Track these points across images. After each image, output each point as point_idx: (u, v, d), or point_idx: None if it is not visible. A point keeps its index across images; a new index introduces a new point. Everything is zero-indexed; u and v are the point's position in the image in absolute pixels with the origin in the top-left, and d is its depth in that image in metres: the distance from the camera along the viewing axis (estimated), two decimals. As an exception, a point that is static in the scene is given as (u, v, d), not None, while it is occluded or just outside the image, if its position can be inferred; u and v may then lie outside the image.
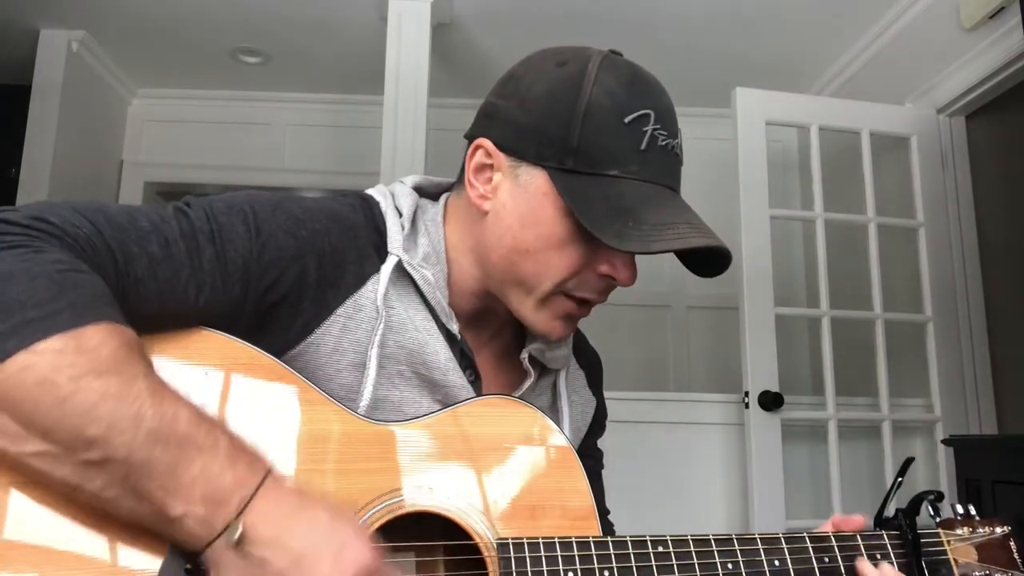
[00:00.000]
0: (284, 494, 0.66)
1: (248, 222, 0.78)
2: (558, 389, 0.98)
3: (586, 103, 0.80)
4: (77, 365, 0.60)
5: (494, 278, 0.87)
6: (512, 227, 0.84)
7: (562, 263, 0.83)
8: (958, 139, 3.03)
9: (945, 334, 2.89)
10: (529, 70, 0.86)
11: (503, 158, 0.84)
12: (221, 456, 0.64)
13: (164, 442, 0.62)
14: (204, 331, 0.75)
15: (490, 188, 0.85)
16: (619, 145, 0.80)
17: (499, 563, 0.75)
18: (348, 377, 0.82)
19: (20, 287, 0.61)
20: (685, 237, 0.78)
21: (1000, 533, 0.87)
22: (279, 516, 0.64)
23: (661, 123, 0.81)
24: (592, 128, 0.79)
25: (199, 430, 0.64)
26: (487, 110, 0.88)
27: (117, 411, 0.61)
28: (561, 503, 0.82)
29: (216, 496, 0.63)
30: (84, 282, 0.65)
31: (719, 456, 2.95)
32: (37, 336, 0.60)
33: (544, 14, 3.30)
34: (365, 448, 0.77)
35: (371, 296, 0.83)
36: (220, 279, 0.75)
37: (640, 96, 0.82)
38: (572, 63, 0.83)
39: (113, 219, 0.72)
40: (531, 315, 0.86)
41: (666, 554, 0.77)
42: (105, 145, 4.04)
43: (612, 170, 0.79)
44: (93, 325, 0.62)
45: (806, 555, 0.82)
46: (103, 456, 0.61)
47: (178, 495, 0.62)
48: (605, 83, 0.81)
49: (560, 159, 0.80)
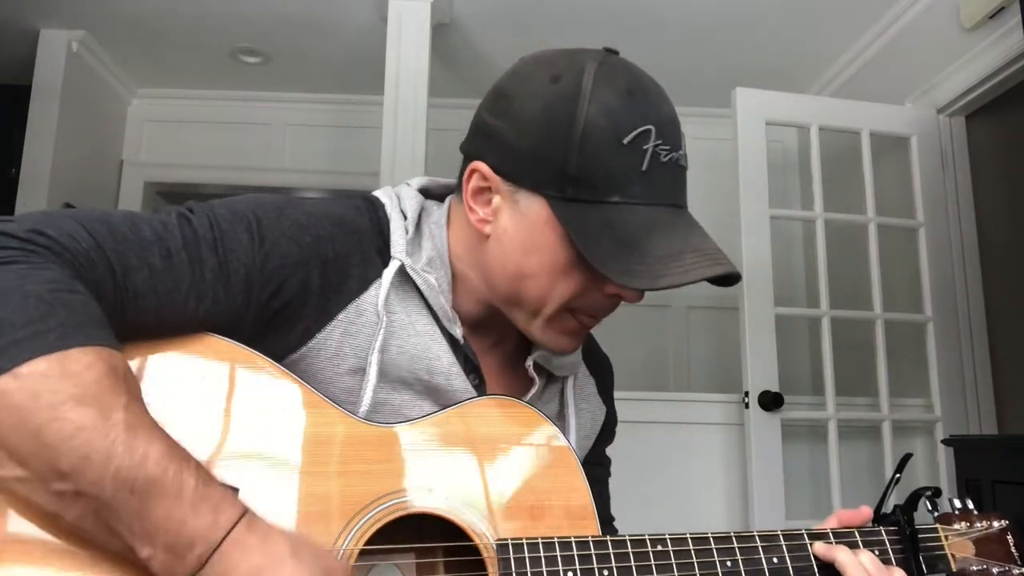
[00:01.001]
0: (249, 548, 0.64)
1: (252, 229, 0.77)
2: (565, 397, 0.97)
3: (582, 127, 0.77)
4: (58, 392, 0.60)
5: (498, 298, 0.87)
6: (514, 253, 0.82)
7: (567, 288, 0.81)
8: (958, 139, 3.03)
9: (945, 334, 2.89)
10: (521, 87, 0.82)
11: (500, 182, 0.82)
12: (185, 503, 0.62)
13: (130, 485, 0.61)
14: (203, 335, 0.76)
15: (490, 211, 0.83)
16: (619, 168, 0.77)
17: (499, 564, 0.75)
18: (348, 381, 0.82)
19: (11, 306, 0.61)
20: (691, 269, 0.76)
21: (998, 527, 0.87)
22: (243, 572, 0.63)
23: (662, 137, 0.78)
24: (590, 153, 0.77)
25: (167, 472, 0.62)
26: (481, 128, 0.85)
27: (90, 445, 0.60)
28: (560, 503, 0.82)
29: (176, 548, 0.62)
30: (76, 302, 0.64)
31: (719, 456, 2.95)
32: (23, 356, 0.60)
33: (544, 14, 3.30)
34: (364, 450, 0.78)
35: (373, 301, 0.82)
36: (222, 289, 0.75)
37: (639, 110, 0.78)
38: (566, 77, 0.79)
39: (115, 229, 0.71)
40: (538, 334, 0.86)
41: (665, 553, 0.77)
42: (105, 145, 4.04)
43: (614, 196, 0.77)
44: (80, 348, 0.62)
45: (804, 552, 0.82)
46: (75, 489, 0.61)
47: (144, 539, 0.62)
48: (602, 100, 0.78)
49: (560, 188, 0.78)
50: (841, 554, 0.81)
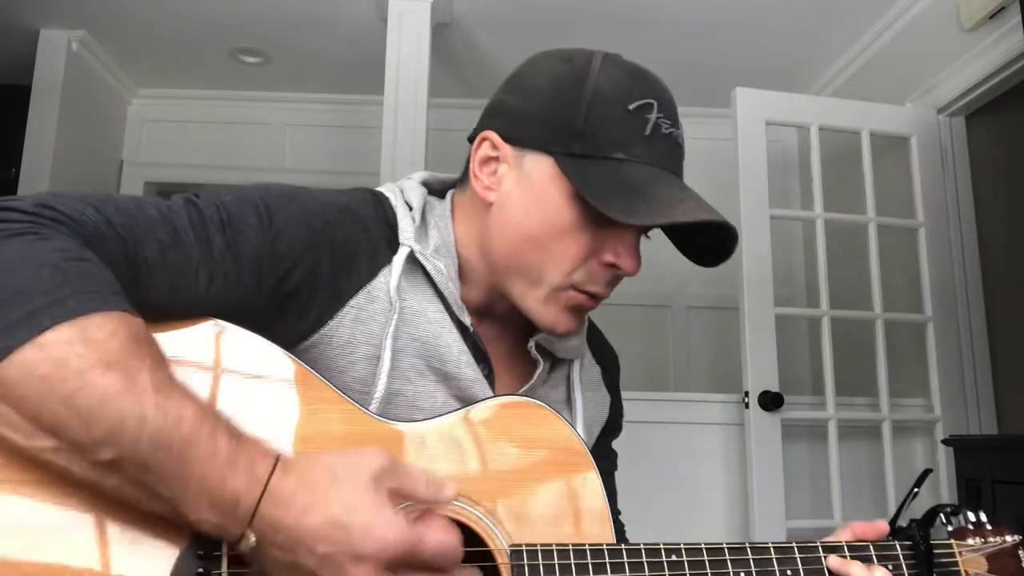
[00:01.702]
0: (292, 491, 0.64)
1: (260, 213, 0.77)
2: (572, 382, 0.97)
3: (592, 90, 0.82)
4: (84, 357, 0.59)
5: (499, 269, 0.87)
6: (517, 215, 0.84)
7: (568, 251, 0.83)
8: (958, 139, 3.03)
9: (945, 334, 2.89)
10: (534, 67, 0.88)
11: (508, 149, 0.85)
12: (220, 462, 0.62)
13: (167, 447, 0.61)
14: (214, 322, 0.74)
15: (495, 179, 0.86)
16: (624, 130, 0.81)
17: (512, 570, 0.75)
18: (362, 370, 0.81)
19: (25, 275, 0.61)
20: (692, 212, 0.78)
21: (1011, 542, 0.87)
22: (291, 520, 0.63)
23: (664, 112, 0.83)
24: (598, 113, 0.81)
25: (201, 432, 0.62)
26: (491, 108, 0.89)
27: (121, 410, 0.60)
28: (575, 508, 0.82)
29: (222, 507, 0.62)
30: (90, 270, 0.64)
31: (719, 456, 2.96)
32: (44, 325, 0.59)
33: (544, 14, 3.30)
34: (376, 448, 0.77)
35: (384, 287, 0.83)
36: (232, 269, 0.75)
37: (643, 86, 0.84)
38: (576, 59, 0.85)
39: (121, 207, 0.71)
40: (537, 307, 0.86)
41: (679, 563, 0.78)
42: (105, 145, 4.03)
43: (618, 153, 0.81)
44: (100, 314, 0.61)
45: (818, 565, 0.82)
46: (112, 457, 0.60)
47: (187, 503, 0.62)
48: (609, 73, 0.83)
49: (567, 144, 0.82)
50: (856, 570, 0.81)
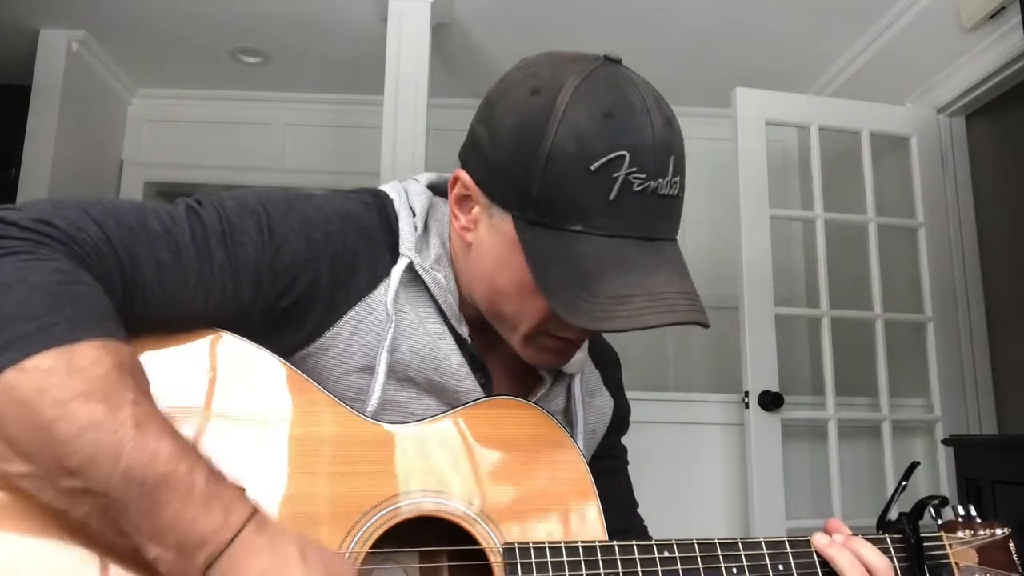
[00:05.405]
0: (259, 549, 0.63)
1: (261, 223, 0.77)
2: (572, 392, 0.96)
3: (548, 149, 0.73)
4: (65, 387, 0.59)
5: (482, 308, 0.86)
6: (488, 267, 0.82)
7: (535, 309, 0.79)
8: (958, 139, 3.03)
9: (945, 334, 2.89)
10: (503, 96, 0.80)
11: (479, 193, 0.80)
12: (195, 502, 0.62)
13: (140, 482, 0.60)
14: (211, 331, 0.75)
15: (471, 219, 0.83)
16: (583, 196, 0.73)
17: (505, 568, 0.75)
18: (357, 380, 0.81)
19: (16, 298, 0.60)
20: (636, 316, 0.71)
21: (1000, 535, 0.88)
22: (251, 573, 0.62)
23: (638, 164, 0.72)
24: (554, 178, 0.73)
25: (177, 470, 0.62)
26: (470, 134, 0.84)
27: (98, 442, 0.59)
28: (567, 506, 0.82)
29: (186, 547, 0.61)
30: (83, 294, 0.63)
31: (719, 456, 2.95)
32: (30, 350, 0.59)
33: (544, 14, 3.30)
34: (371, 451, 0.77)
35: (382, 299, 0.82)
36: (231, 284, 0.75)
37: (613, 135, 0.73)
38: (545, 92, 0.75)
39: (122, 220, 0.71)
40: (519, 348, 0.85)
41: (671, 559, 0.78)
42: (105, 145, 4.03)
43: (575, 225, 0.73)
44: (87, 342, 0.61)
45: (810, 559, 0.82)
46: (83, 487, 0.60)
47: (152, 539, 0.61)
48: (573, 122, 0.73)
49: (523, 210, 0.76)
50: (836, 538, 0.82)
